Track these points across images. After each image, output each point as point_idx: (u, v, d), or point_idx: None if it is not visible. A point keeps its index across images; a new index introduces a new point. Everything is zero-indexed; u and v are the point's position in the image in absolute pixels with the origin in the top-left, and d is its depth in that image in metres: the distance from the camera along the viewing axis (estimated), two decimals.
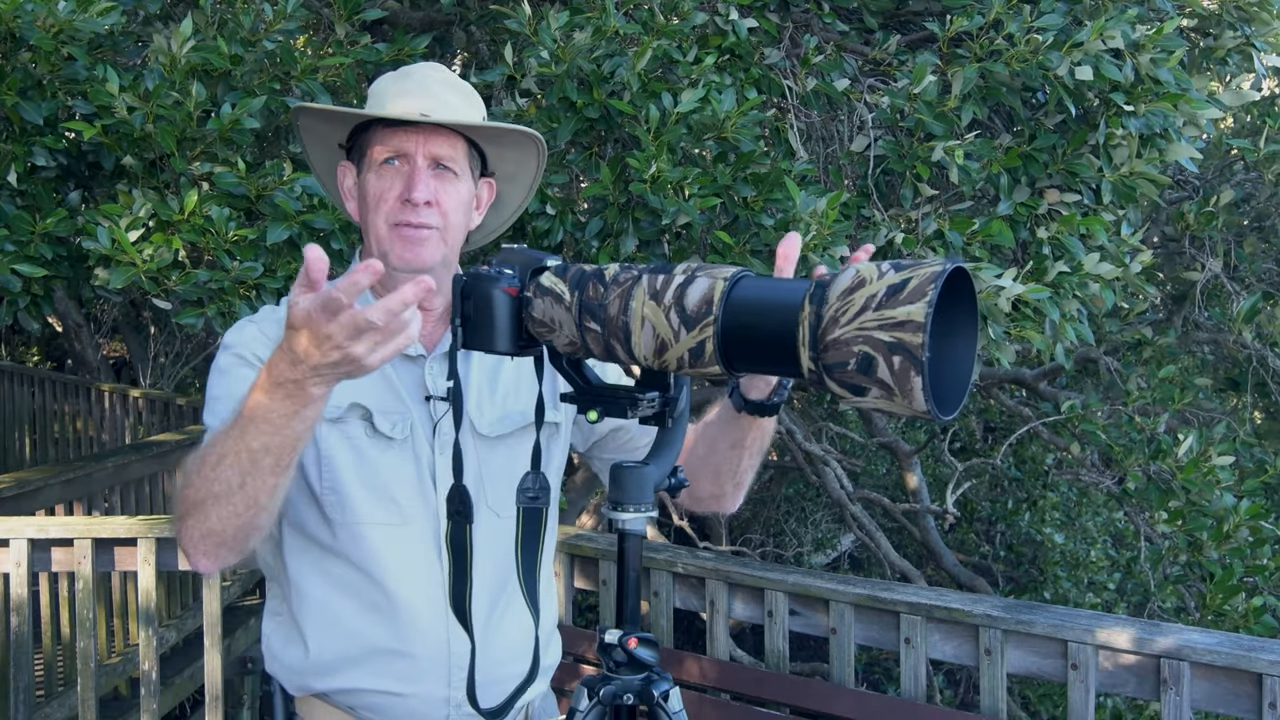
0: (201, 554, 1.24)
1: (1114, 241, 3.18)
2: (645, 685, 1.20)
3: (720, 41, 3.06)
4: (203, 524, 1.21)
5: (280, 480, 1.19)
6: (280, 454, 1.16)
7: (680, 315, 1.06)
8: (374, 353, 1.06)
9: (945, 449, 6.19)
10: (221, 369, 1.41)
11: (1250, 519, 3.71)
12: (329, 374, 1.09)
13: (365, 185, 1.44)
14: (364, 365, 1.07)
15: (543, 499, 1.34)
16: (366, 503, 1.42)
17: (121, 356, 10.82)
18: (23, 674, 3.46)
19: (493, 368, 1.53)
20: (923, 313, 0.91)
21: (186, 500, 1.22)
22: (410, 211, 1.40)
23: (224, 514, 1.19)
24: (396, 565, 1.42)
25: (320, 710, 1.48)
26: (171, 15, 3.41)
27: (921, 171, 3.00)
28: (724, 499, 1.53)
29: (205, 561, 1.25)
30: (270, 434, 1.14)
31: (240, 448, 1.15)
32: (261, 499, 1.19)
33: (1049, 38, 2.91)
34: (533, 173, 1.58)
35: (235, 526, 1.20)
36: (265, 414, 1.13)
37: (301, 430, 1.15)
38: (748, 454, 1.47)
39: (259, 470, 1.16)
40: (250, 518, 1.20)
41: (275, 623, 1.51)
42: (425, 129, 1.42)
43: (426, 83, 1.46)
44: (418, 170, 1.41)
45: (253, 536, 1.23)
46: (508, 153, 1.54)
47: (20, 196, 2.84)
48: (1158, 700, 2.38)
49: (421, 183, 1.40)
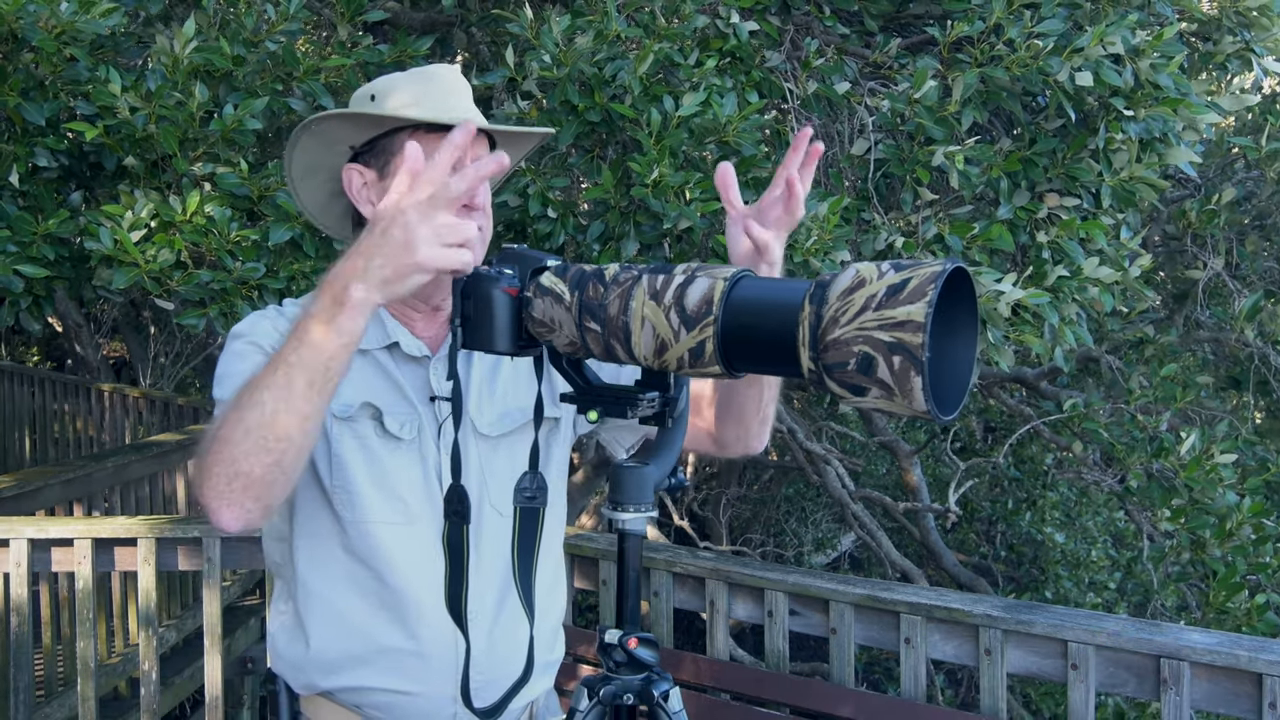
0: (227, 503, 1.19)
1: (1113, 245, 3.18)
2: (645, 685, 1.21)
3: (721, 45, 3.07)
4: (230, 465, 1.18)
5: (311, 410, 1.17)
6: (313, 372, 1.16)
7: (680, 315, 1.07)
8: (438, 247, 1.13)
9: (946, 449, 6.19)
10: (237, 352, 1.41)
11: (1253, 517, 3.72)
12: (382, 266, 1.13)
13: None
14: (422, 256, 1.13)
15: (540, 498, 1.34)
16: (376, 501, 1.42)
17: (121, 356, 10.82)
18: (23, 674, 3.46)
19: (492, 367, 1.54)
20: (923, 312, 0.91)
21: (215, 443, 1.19)
22: (464, 217, 1.40)
23: (253, 448, 1.17)
24: (405, 564, 1.43)
25: (326, 709, 1.48)
26: (173, 16, 3.42)
27: (922, 175, 3.00)
28: (750, 438, 1.53)
29: (230, 513, 1.20)
30: (306, 344, 1.15)
31: (279, 364, 1.16)
32: (293, 430, 1.17)
33: (1049, 43, 2.91)
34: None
35: (265, 465, 1.17)
36: (305, 320, 1.16)
37: (338, 345, 1.16)
38: (767, 389, 1.49)
39: (292, 392, 1.16)
40: (280, 454, 1.18)
41: (281, 621, 1.51)
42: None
43: (453, 84, 1.46)
44: None
45: (279, 483, 1.20)
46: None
47: (22, 197, 2.84)
48: (1158, 700, 2.38)
49: (481, 189, 1.42)
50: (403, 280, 1.14)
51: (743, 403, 1.49)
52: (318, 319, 1.16)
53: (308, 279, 2.78)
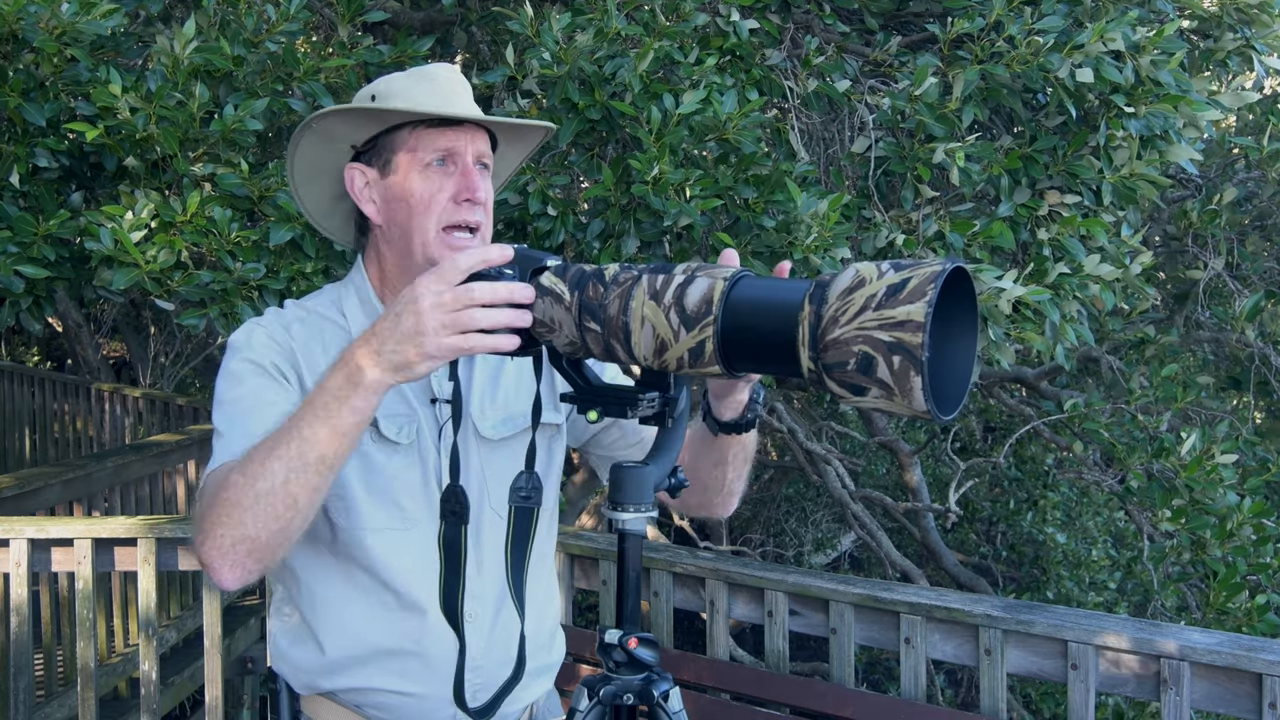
0: (230, 564, 1.21)
1: (1114, 243, 3.18)
2: (645, 685, 1.20)
3: (721, 43, 3.07)
4: (237, 529, 1.19)
5: (321, 482, 1.20)
6: (326, 448, 1.18)
7: (680, 315, 1.06)
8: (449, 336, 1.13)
9: (946, 449, 6.19)
10: (235, 374, 1.40)
11: (1253, 517, 3.72)
12: (394, 352, 1.15)
13: (404, 187, 1.42)
14: (430, 346, 1.14)
15: (535, 499, 1.34)
16: (370, 507, 1.42)
17: (121, 356, 10.82)
18: (23, 674, 3.46)
19: (495, 370, 1.53)
20: (922, 312, 0.91)
21: (220, 504, 1.21)
22: (466, 211, 1.41)
23: (263, 515, 1.19)
24: (403, 568, 1.42)
25: (327, 709, 1.48)
26: (174, 16, 3.42)
27: (922, 173, 3.00)
28: (715, 507, 1.53)
29: (232, 574, 1.22)
30: (322, 420, 1.17)
31: (292, 436, 1.18)
32: (302, 500, 1.19)
33: (1050, 39, 2.91)
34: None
35: (271, 531, 1.20)
36: (320, 396, 1.18)
37: (351, 424, 1.18)
38: (731, 468, 1.46)
39: (305, 465, 1.18)
40: (287, 521, 1.20)
41: (283, 623, 1.51)
42: (469, 128, 1.43)
43: (453, 83, 1.46)
44: (471, 170, 1.42)
45: (282, 546, 1.23)
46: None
47: (23, 198, 2.84)
48: (1158, 700, 2.38)
49: (479, 182, 1.42)
50: (413, 367, 1.16)
51: (705, 479, 1.47)
52: (334, 396, 1.18)
53: (308, 279, 2.78)
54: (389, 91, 1.46)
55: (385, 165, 1.44)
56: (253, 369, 1.40)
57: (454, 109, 1.41)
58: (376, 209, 1.46)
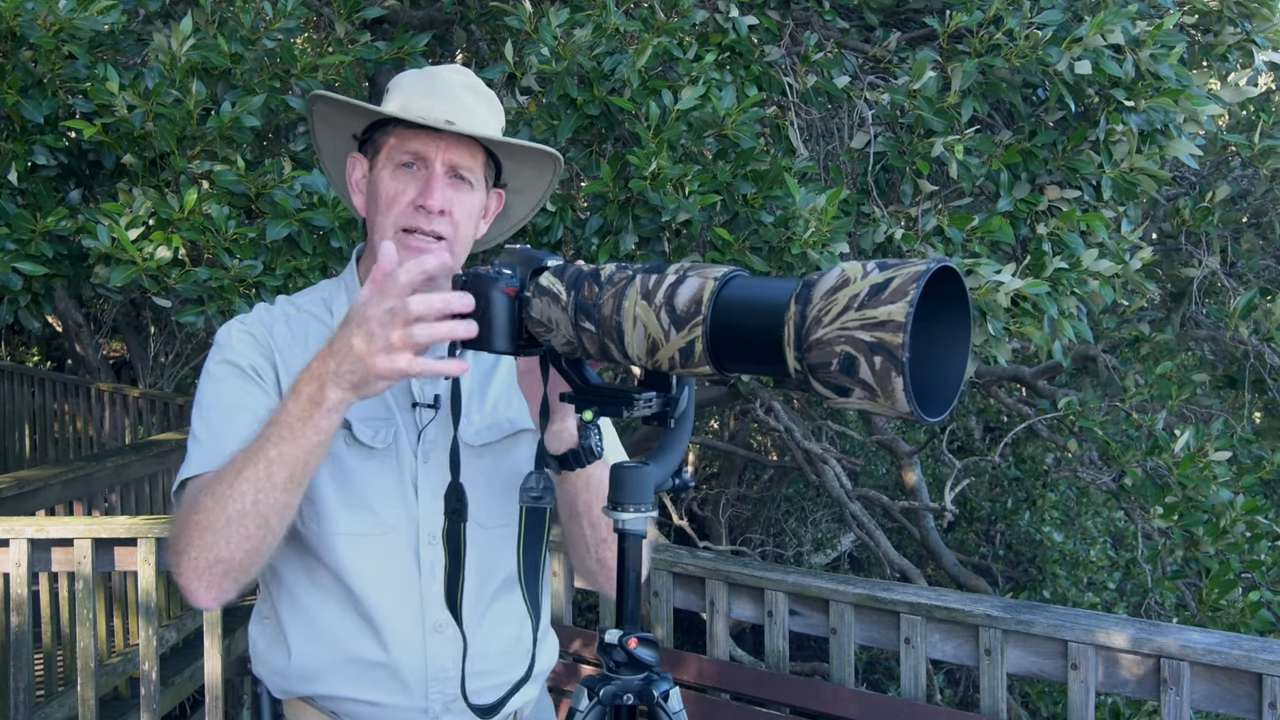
0: (205, 585, 1.23)
1: (1114, 238, 3.17)
2: (645, 685, 1.20)
3: (720, 39, 3.06)
4: (210, 551, 1.21)
5: (291, 500, 1.21)
6: (294, 466, 1.19)
7: (670, 315, 1.06)
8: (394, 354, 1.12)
9: (944, 448, 6.19)
10: (214, 376, 1.40)
11: (1247, 514, 3.71)
12: (350, 372, 1.14)
13: (377, 183, 1.41)
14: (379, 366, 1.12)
15: (547, 499, 1.31)
16: (340, 512, 1.39)
17: (121, 356, 10.82)
18: (23, 674, 3.45)
19: (484, 376, 1.51)
20: (903, 312, 0.89)
21: (192, 526, 1.22)
22: (422, 218, 1.37)
23: (235, 537, 1.20)
24: (373, 576, 1.40)
25: (305, 714, 1.47)
26: (172, 14, 3.41)
27: (921, 168, 2.99)
28: (597, 580, 1.48)
29: (208, 594, 1.24)
30: (287, 440, 1.17)
31: (259, 457, 1.18)
32: (272, 519, 1.20)
33: (1049, 33, 2.91)
34: (543, 189, 1.57)
35: (244, 551, 1.21)
36: (284, 416, 1.18)
37: (315, 442, 1.18)
38: (587, 522, 1.40)
39: (273, 485, 1.19)
40: (259, 540, 1.21)
41: (262, 625, 1.50)
42: (447, 136, 1.39)
43: (453, 87, 1.42)
44: (435, 177, 1.38)
45: (256, 564, 1.24)
46: (523, 168, 1.52)
47: (21, 195, 2.84)
48: (1158, 700, 2.38)
49: (438, 190, 1.37)
50: (370, 385, 1.16)
51: (573, 541, 1.44)
52: (296, 417, 1.18)
53: (305, 276, 2.78)
54: (395, 85, 1.45)
55: (374, 158, 1.43)
56: (231, 370, 1.39)
57: (433, 113, 1.38)
58: (362, 201, 1.46)
